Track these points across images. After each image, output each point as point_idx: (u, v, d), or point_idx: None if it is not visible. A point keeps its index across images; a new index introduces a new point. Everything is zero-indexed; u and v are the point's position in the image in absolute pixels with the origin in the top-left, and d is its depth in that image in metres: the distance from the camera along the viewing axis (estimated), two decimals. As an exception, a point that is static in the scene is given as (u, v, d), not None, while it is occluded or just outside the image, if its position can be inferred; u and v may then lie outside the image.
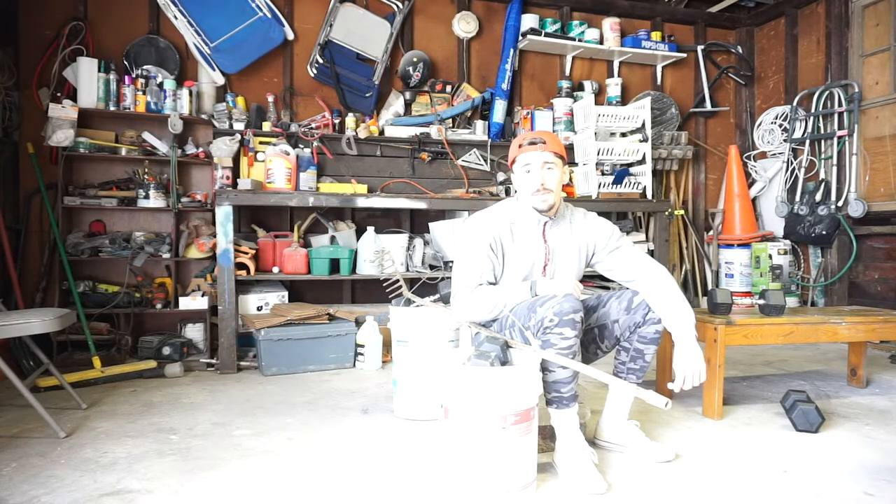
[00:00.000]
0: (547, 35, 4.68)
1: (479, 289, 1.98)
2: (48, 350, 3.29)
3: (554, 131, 4.56)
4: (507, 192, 4.11)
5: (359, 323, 3.55)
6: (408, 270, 3.89)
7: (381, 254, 3.54)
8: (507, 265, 2.05)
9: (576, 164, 4.45)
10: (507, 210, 2.11)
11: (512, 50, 4.63)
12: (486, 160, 4.44)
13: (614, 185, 4.28)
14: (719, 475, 1.93)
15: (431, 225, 3.94)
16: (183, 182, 3.93)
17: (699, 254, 5.17)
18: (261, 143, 3.95)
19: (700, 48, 5.19)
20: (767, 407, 2.68)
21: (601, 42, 4.86)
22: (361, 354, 3.46)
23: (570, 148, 4.49)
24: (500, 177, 4.37)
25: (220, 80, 3.99)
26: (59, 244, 3.48)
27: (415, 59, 4.42)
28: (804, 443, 2.23)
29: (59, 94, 3.64)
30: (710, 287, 5.01)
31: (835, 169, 4.58)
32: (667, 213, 4.34)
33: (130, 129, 3.78)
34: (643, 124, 4.42)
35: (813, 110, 4.72)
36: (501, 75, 4.59)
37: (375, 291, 4.08)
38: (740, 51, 5.34)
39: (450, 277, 2.60)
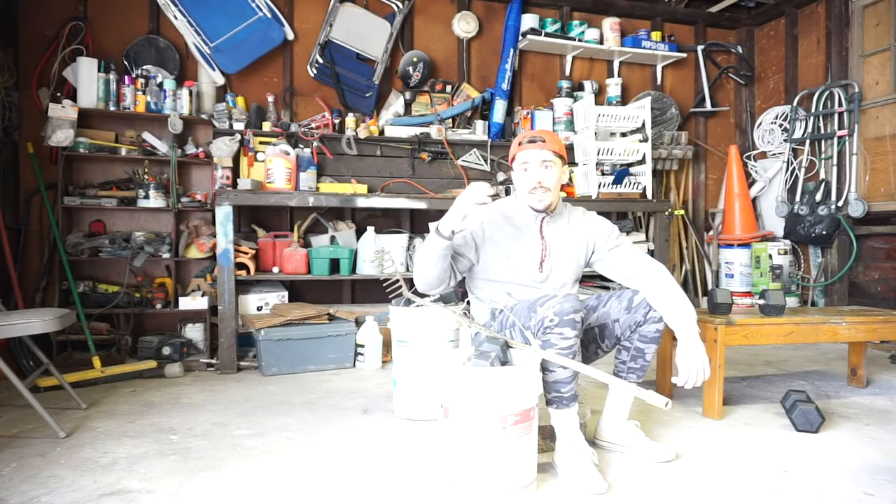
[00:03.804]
0: (547, 35, 4.68)
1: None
2: (48, 350, 3.29)
3: (554, 131, 4.56)
4: (507, 192, 4.11)
5: (359, 323, 3.54)
6: (408, 270, 3.89)
7: (381, 254, 3.54)
8: (502, 258, 2.06)
9: (576, 164, 4.45)
10: (506, 204, 2.14)
11: (512, 50, 4.63)
12: (486, 160, 4.44)
13: (614, 185, 4.28)
14: (719, 475, 1.93)
15: (431, 225, 3.93)
16: (183, 182, 3.93)
17: (699, 254, 5.16)
18: (261, 143, 3.95)
19: (700, 48, 5.19)
20: (767, 407, 2.68)
21: (601, 42, 4.86)
22: (361, 354, 3.46)
23: (570, 148, 4.48)
24: (500, 177, 4.37)
25: (220, 80, 3.99)
26: (58, 244, 3.48)
27: (415, 59, 4.42)
28: (804, 443, 2.23)
29: (59, 94, 3.64)
30: (710, 287, 5.00)
31: (835, 169, 4.57)
32: (667, 213, 4.34)
33: (130, 129, 3.78)
34: (643, 124, 4.41)
35: (813, 110, 4.72)
36: (501, 75, 4.59)
37: (375, 291, 4.08)
38: (740, 51, 5.34)
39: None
